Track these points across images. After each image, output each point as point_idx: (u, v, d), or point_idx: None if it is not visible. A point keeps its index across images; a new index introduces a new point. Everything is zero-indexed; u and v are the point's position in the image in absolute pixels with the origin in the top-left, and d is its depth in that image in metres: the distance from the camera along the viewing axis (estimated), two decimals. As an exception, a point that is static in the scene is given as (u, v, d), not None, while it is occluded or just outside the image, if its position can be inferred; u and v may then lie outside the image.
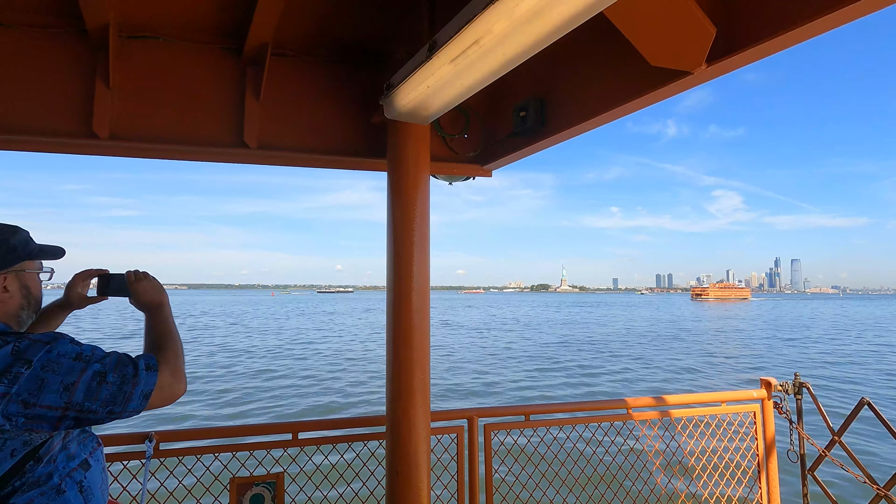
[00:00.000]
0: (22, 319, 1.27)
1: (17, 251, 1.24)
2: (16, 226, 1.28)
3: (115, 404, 1.13)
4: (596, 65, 1.96)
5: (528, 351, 23.77)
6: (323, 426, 2.54)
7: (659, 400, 2.92)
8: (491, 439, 2.67)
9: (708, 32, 1.43)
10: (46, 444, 1.12)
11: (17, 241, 1.25)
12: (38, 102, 2.17)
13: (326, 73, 2.57)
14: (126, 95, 2.27)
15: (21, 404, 1.04)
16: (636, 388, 15.08)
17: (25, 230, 1.29)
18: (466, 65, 1.54)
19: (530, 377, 16.65)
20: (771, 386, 2.96)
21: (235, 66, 2.42)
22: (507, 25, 1.30)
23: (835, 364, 20.68)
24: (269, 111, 2.45)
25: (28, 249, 1.28)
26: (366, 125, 2.60)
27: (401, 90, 1.86)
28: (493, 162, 2.70)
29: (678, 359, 21.60)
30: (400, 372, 2.26)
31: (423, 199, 2.33)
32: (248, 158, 2.51)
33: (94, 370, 1.11)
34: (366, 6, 2.27)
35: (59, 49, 2.21)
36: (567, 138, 2.29)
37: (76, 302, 1.53)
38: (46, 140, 2.18)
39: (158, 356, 1.26)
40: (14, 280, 1.24)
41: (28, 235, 1.30)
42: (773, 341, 29.96)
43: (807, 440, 2.87)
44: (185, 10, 2.22)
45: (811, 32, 1.32)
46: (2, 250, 1.21)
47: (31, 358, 1.07)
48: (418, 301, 2.28)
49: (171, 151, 2.35)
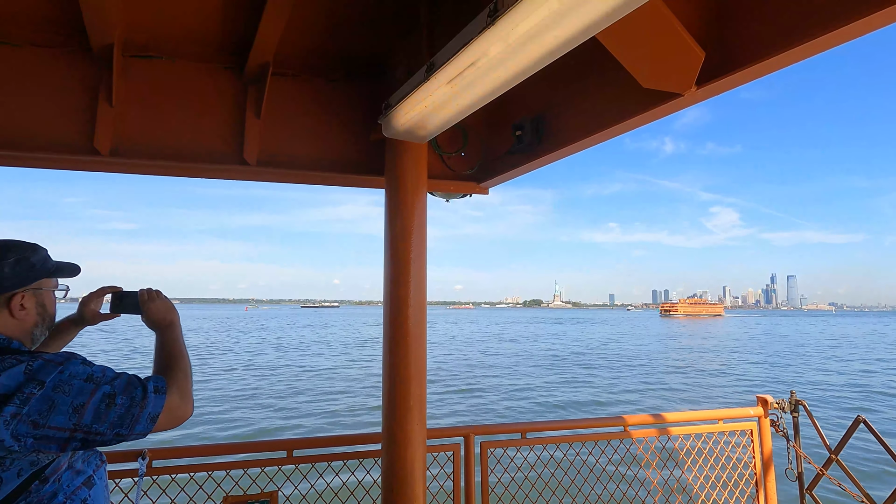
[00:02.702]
0: (35, 336, 1.28)
1: (36, 269, 1.25)
2: (35, 243, 1.29)
3: (123, 426, 1.13)
4: (591, 85, 2.01)
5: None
6: (318, 444, 2.52)
7: (656, 417, 2.92)
8: (487, 457, 2.65)
9: (697, 56, 1.47)
10: (53, 464, 1.12)
11: (35, 259, 1.26)
12: (42, 119, 2.20)
13: (325, 90, 2.61)
14: (128, 112, 2.30)
15: (31, 425, 1.04)
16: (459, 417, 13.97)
17: (44, 248, 1.30)
18: (463, 86, 1.58)
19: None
20: (767, 403, 2.96)
21: (236, 84, 2.46)
22: (503, 49, 1.34)
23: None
24: (269, 128, 2.48)
25: (46, 267, 1.29)
26: (364, 142, 2.64)
27: (399, 110, 1.90)
28: (489, 179, 2.74)
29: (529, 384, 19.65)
30: (397, 388, 2.26)
31: (420, 217, 2.36)
32: (248, 175, 2.53)
33: (103, 392, 1.11)
34: (365, 26, 2.32)
35: (63, 67, 2.24)
36: (563, 156, 2.34)
37: (89, 318, 1.53)
38: (49, 156, 2.20)
39: (167, 378, 1.26)
40: (31, 298, 1.24)
41: (46, 253, 1.31)
42: (653, 366, 26.20)
43: (804, 459, 2.86)
44: (187, 30, 2.27)
45: (797, 57, 1.37)
46: (21, 268, 1.22)
47: (44, 378, 1.07)
48: (415, 317, 2.29)
49: (171, 168, 2.38)
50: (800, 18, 1.28)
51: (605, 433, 2.83)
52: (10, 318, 1.20)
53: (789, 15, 1.31)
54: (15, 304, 1.20)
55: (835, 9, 1.20)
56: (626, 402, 16.42)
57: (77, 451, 1.16)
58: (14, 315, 1.21)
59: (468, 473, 2.63)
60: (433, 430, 2.52)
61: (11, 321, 1.21)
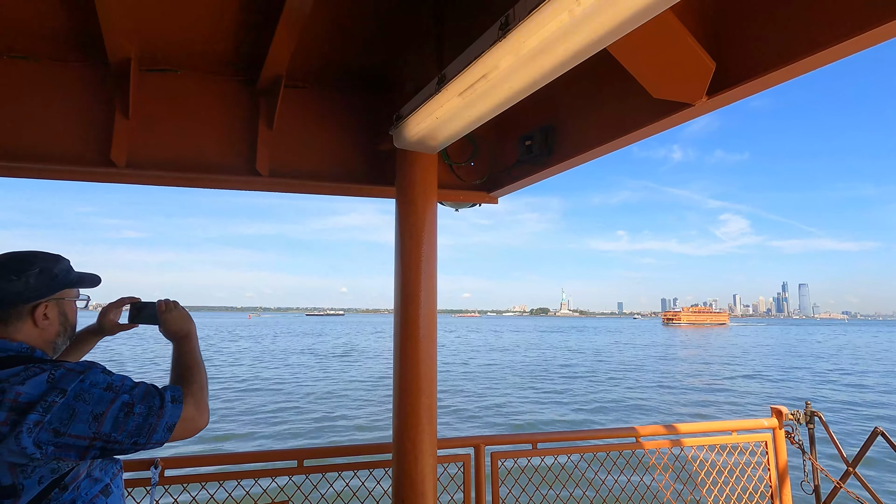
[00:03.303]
0: (57, 346, 1.30)
1: (59, 279, 1.28)
2: (58, 254, 1.32)
3: (140, 436, 1.14)
4: (601, 96, 2.01)
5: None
6: (328, 453, 2.52)
7: (669, 428, 2.88)
8: (498, 468, 2.63)
9: (707, 67, 1.48)
10: (72, 472, 1.14)
11: (58, 270, 1.28)
12: (60, 132, 2.25)
13: (337, 102, 2.64)
14: (143, 125, 2.35)
15: (52, 433, 1.06)
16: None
17: (67, 259, 1.33)
18: (474, 98, 1.60)
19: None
20: (782, 415, 2.92)
21: (249, 97, 2.50)
22: (514, 61, 1.35)
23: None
24: (280, 140, 2.52)
25: (68, 278, 1.31)
26: (373, 153, 2.66)
27: (410, 121, 1.92)
28: (499, 189, 2.75)
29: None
30: (407, 398, 2.26)
31: (430, 227, 2.37)
32: (260, 186, 2.57)
33: (122, 401, 1.13)
34: (374, 39, 2.35)
35: (80, 81, 2.30)
36: (573, 166, 2.34)
37: (108, 328, 1.56)
38: (67, 168, 2.25)
39: (184, 388, 1.28)
40: (54, 308, 1.27)
41: (69, 264, 1.33)
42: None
43: (821, 471, 2.81)
44: (202, 45, 2.31)
45: (807, 67, 1.37)
46: (45, 278, 1.24)
47: (66, 387, 1.09)
48: (425, 327, 2.29)
49: (185, 179, 2.41)
50: (811, 29, 1.28)
51: (616, 444, 2.81)
52: (34, 328, 1.23)
53: (800, 25, 1.31)
54: (38, 314, 1.23)
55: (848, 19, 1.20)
56: (592, 421, 15.00)
57: (95, 459, 1.17)
58: (37, 324, 1.23)
59: (479, 484, 2.61)
60: (443, 441, 2.51)
61: (34, 330, 1.23)
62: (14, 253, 1.27)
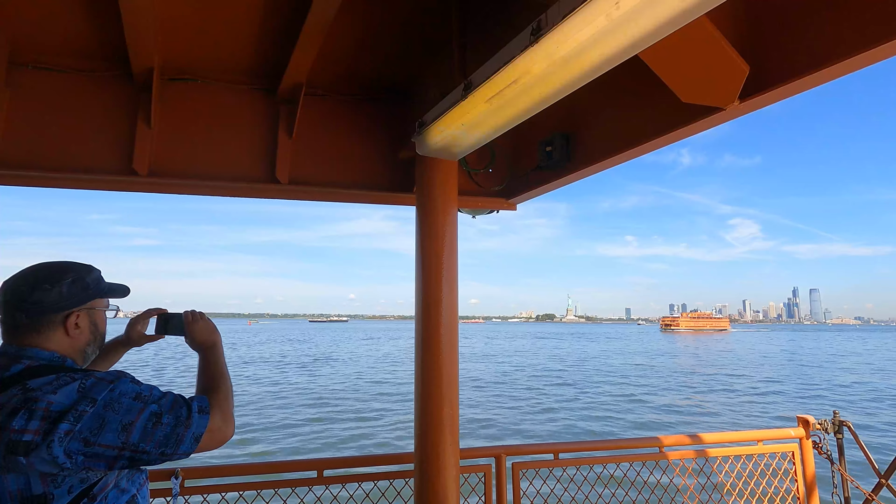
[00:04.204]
0: (87, 355, 1.30)
1: (90, 289, 1.28)
2: (90, 265, 1.32)
3: (168, 446, 1.14)
4: (625, 100, 1.99)
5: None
6: (349, 464, 2.49)
7: (693, 438, 2.83)
8: (519, 478, 2.59)
9: (741, 70, 1.46)
10: (101, 482, 1.13)
11: (90, 280, 1.29)
12: (84, 142, 2.26)
13: (356, 110, 2.65)
14: (165, 134, 2.36)
15: (82, 442, 1.05)
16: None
17: (98, 269, 1.34)
18: (501, 104, 1.58)
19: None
20: (809, 424, 2.85)
21: (270, 106, 2.51)
22: (546, 66, 1.34)
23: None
24: (300, 148, 2.52)
25: (99, 288, 1.32)
26: (393, 160, 2.66)
27: (433, 128, 1.91)
28: (517, 196, 2.73)
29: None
30: (429, 408, 2.23)
31: (451, 233, 2.35)
32: (280, 194, 2.57)
33: (150, 411, 1.13)
34: (395, 50, 2.36)
35: (104, 92, 2.32)
36: (593, 172, 2.32)
37: (136, 339, 1.57)
38: (91, 178, 2.26)
39: (210, 399, 1.27)
40: (85, 317, 1.27)
41: (100, 274, 1.34)
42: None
43: (850, 482, 2.74)
44: (223, 55, 2.33)
45: (843, 70, 1.35)
46: (77, 288, 1.25)
47: (97, 396, 1.09)
48: (447, 335, 2.27)
49: (206, 187, 2.42)
50: (843, 34, 1.27)
51: (639, 454, 2.75)
52: (65, 337, 1.23)
53: (833, 30, 1.29)
54: (70, 323, 1.23)
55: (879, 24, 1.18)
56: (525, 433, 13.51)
57: (123, 469, 1.16)
58: (69, 333, 1.23)
59: (500, 495, 2.57)
60: (463, 451, 2.47)
61: (66, 340, 1.23)
62: (47, 263, 1.27)
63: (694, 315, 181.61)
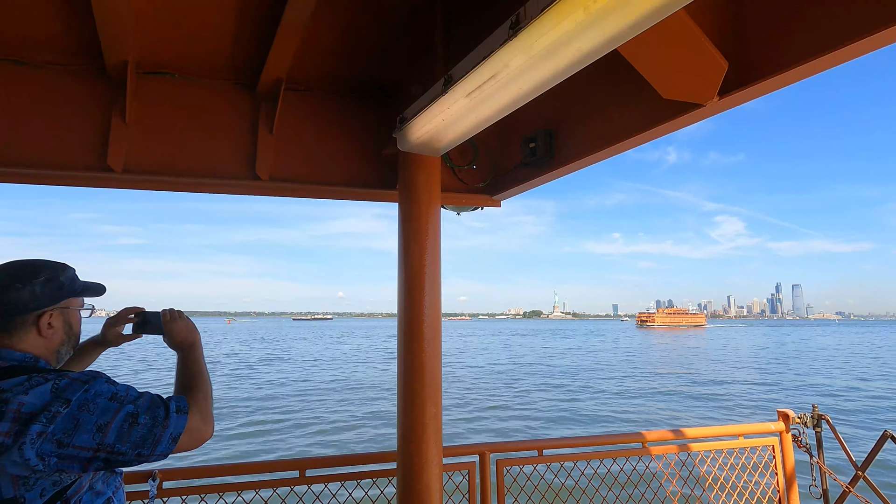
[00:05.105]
0: (61, 355, 1.28)
1: (64, 288, 1.26)
2: (64, 263, 1.29)
3: (145, 447, 1.12)
4: (607, 97, 1.99)
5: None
6: (331, 463, 2.46)
7: (675, 433, 2.85)
8: (503, 476, 2.58)
9: (720, 66, 1.46)
10: (75, 485, 1.11)
11: (64, 279, 1.26)
12: (57, 138, 2.20)
13: (339, 107, 2.61)
14: (141, 130, 2.30)
15: (55, 444, 1.03)
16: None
17: (72, 267, 1.31)
18: (482, 99, 1.57)
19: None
20: (789, 418, 2.89)
21: (249, 101, 2.46)
22: (525, 61, 1.32)
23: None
24: (281, 144, 2.48)
25: (73, 287, 1.29)
26: (377, 157, 2.63)
27: (415, 123, 1.89)
28: (502, 192, 2.72)
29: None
30: (412, 405, 2.21)
31: (434, 230, 2.33)
32: (260, 190, 2.53)
33: (126, 411, 1.11)
34: (378, 43, 2.32)
35: (78, 86, 2.25)
36: (577, 169, 2.32)
37: (112, 339, 1.54)
38: (64, 174, 2.20)
39: (189, 398, 1.26)
40: (59, 317, 1.24)
41: (74, 273, 1.31)
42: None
43: (829, 475, 2.78)
44: (201, 49, 2.28)
45: (820, 67, 1.35)
46: (50, 287, 1.22)
47: (70, 397, 1.07)
48: (430, 333, 2.25)
49: (184, 184, 2.37)
50: (824, 29, 1.27)
51: (623, 450, 2.77)
52: (38, 337, 1.21)
53: (813, 24, 1.30)
54: (43, 323, 1.20)
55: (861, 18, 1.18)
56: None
57: (99, 471, 1.14)
58: (42, 333, 1.21)
59: (484, 493, 2.56)
60: (447, 448, 2.46)
61: (39, 340, 1.21)
62: (19, 261, 1.24)
63: (670, 311, 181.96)
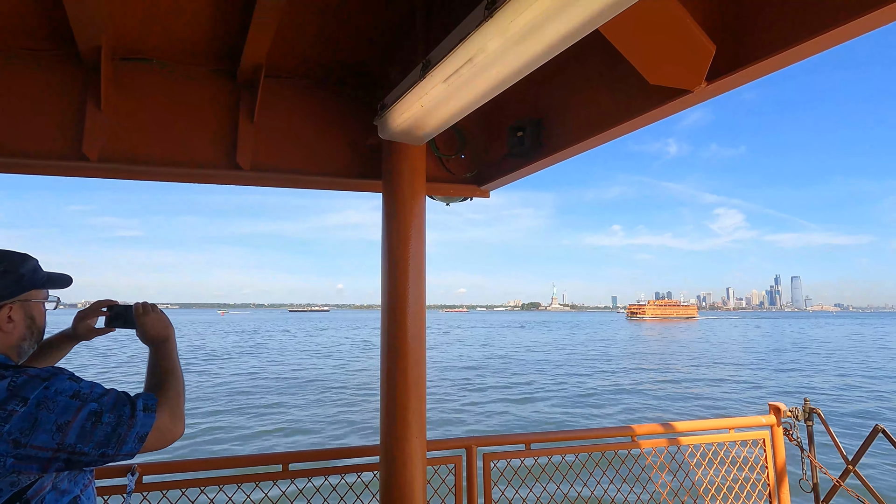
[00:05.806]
0: (23, 350, 1.23)
1: (25, 280, 1.21)
2: (26, 254, 1.25)
3: (109, 446, 1.07)
4: (594, 84, 1.93)
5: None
6: (314, 457, 2.44)
7: (666, 427, 2.82)
8: (490, 469, 2.56)
9: (707, 51, 1.40)
10: (35, 485, 1.06)
11: (25, 270, 1.21)
12: (29, 126, 2.14)
13: (321, 95, 2.54)
14: (118, 118, 2.24)
15: (11, 444, 0.99)
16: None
17: (35, 258, 1.26)
18: (460, 84, 1.51)
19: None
20: (780, 412, 2.86)
21: (229, 89, 2.40)
22: (502, 43, 1.26)
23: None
24: (262, 133, 2.42)
25: (35, 278, 1.24)
26: (361, 147, 2.57)
27: (394, 110, 1.83)
28: (490, 182, 2.66)
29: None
30: (395, 398, 2.18)
31: (418, 221, 2.28)
32: (241, 180, 2.47)
33: (89, 410, 1.06)
34: (360, 29, 2.25)
35: (50, 72, 2.19)
36: (565, 158, 2.26)
37: (83, 333, 1.49)
38: (37, 163, 2.14)
39: (159, 396, 1.21)
40: (19, 310, 1.20)
41: (37, 264, 1.26)
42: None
43: (819, 469, 2.75)
44: (178, 34, 2.21)
45: (812, 50, 1.29)
46: (9, 279, 1.17)
47: (28, 395, 1.02)
48: (414, 326, 2.21)
49: (162, 173, 2.31)
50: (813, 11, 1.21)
51: (612, 444, 2.74)
52: None
53: (802, 7, 1.23)
54: (2, 317, 1.16)
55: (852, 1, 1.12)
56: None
57: (61, 471, 1.10)
58: (1, 328, 1.16)
59: (471, 487, 2.53)
60: (433, 442, 2.44)
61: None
62: None
63: (661, 303, 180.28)
